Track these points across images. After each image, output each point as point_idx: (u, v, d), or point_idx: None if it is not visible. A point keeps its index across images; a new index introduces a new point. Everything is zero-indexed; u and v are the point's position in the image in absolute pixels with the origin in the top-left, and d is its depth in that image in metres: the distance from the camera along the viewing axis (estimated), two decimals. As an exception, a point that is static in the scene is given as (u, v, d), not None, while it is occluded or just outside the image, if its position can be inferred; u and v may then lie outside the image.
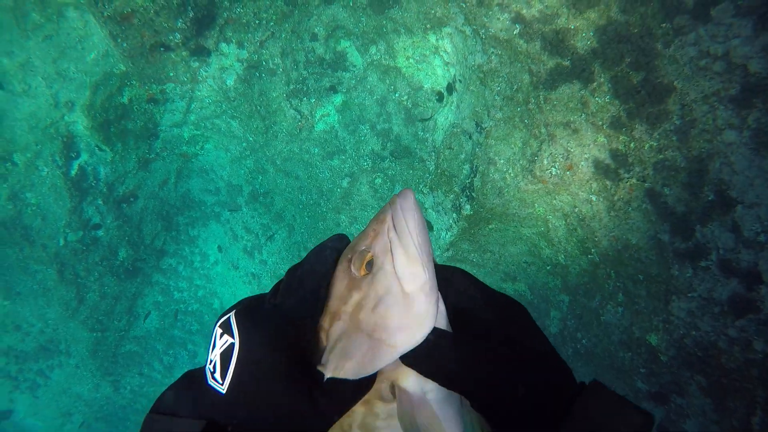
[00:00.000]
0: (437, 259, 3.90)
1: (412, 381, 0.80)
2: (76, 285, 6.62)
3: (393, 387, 0.80)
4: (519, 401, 0.75)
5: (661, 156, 3.29)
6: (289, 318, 0.78)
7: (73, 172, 6.14)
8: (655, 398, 3.46)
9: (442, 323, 0.80)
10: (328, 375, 0.75)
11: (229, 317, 0.79)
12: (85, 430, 8.28)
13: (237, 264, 7.32)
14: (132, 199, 6.67)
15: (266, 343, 0.75)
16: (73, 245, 6.38)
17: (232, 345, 0.75)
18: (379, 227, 0.81)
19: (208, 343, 0.83)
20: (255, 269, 7.12)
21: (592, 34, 3.47)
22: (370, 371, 0.75)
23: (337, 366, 0.76)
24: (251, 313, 0.79)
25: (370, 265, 0.79)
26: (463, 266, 5.26)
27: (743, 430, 2.63)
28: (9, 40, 5.76)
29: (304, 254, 6.54)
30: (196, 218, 7.38)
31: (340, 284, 0.82)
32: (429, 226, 5.48)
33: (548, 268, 4.72)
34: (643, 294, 3.61)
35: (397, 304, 0.76)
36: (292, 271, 0.85)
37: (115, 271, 6.85)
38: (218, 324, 0.80)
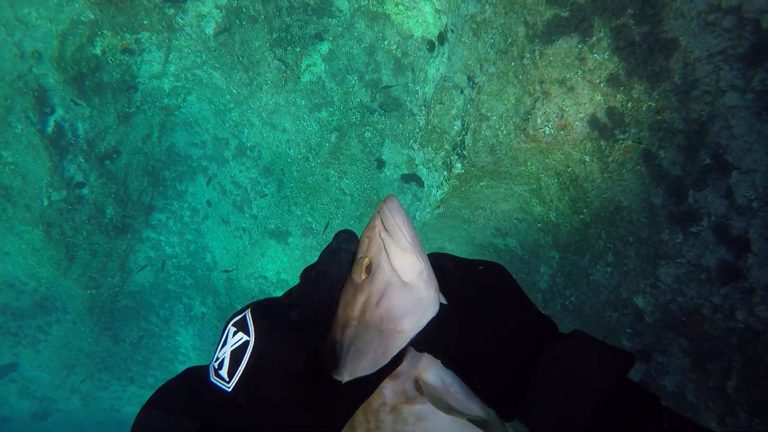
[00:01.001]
0: (428, 215, 3.80)
1: (432, 374, 0.83)
2: (64, 244, 6.55)
3: (417, 383, 0.83)
4: (497, 356, 0.79)
5: (658, 117, 3.15)
6: (304, 320, 0.79)
7: (49, 129, 5.88)
8: (638, 356, 3.55)
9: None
10: (345, 379, 0.77)
11: (245, 315, 0.78)
12: (90, 382, 8.59)
13: (227, 218, 7.25)
14: (115, 155, 6.46)
15: (280, 344, 0.75)
16: (58, 205, 6.24)
17: (246, 343, 0.74)
18: (371, 233, 0.85)
19: (216, 340, 0.86)
20: (245, 224, 7.07)
21: (593, -19, 3.21)
22: (384, 360, 0.78)
23: (353, 367, 0.78)
24: (267, 313, 0.78)
25: (369, 269, 0.83)
26: (454, 222, 5.23)
27: (718, 392, 2.72)
28: (-42, -20, 5.28)
29: (294, 209, 6.44)
30: (183, 172, 7.22)
31: (345, 294, 0.85)
32: (419, 183, 5.37)
33: (539, 225, 4.69)
34: (633, 256, 3.60)
35: (399, 294, 0.80)
36: (307, 272, 0.85)
37: (104, 229, 6.77)
38: (232, 322, 0.79)
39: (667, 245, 3.14)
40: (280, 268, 6.99)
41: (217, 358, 0.76)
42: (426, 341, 0.81)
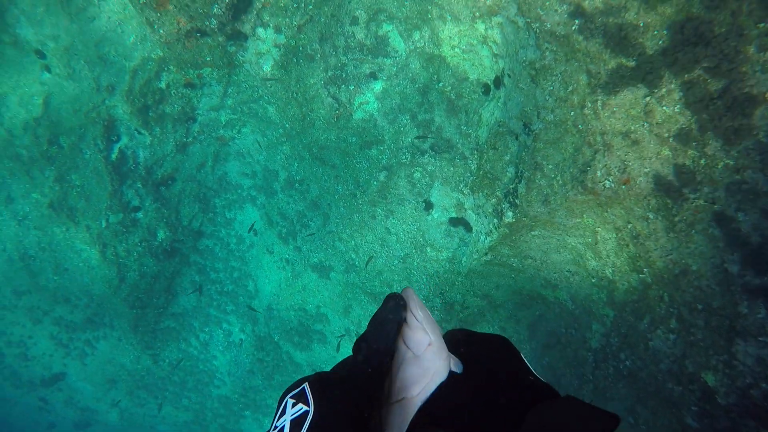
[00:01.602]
0: (475, 262, 3.65)
1: None
2: (117, 265, 6.83)
3: None
4: (490, 417, 0.86)
5: (737, 177, 2.89)
6: (357, 392, 0.88)
7: (113, 156, 6.22)
8: (706, 439, 3.17)
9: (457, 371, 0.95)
10: None
11: (303, 387, 0.87)
12: (128, 399, 8.76)
13: (272, 249, 7.33)
14: (170, 182, 6.73)
15: (337, 415, 0.83)
16: (114, 227, 6.54)
17: (306, 413, 0.83)
18: None
19: (273, 413, 0.93)
20: (289, 255, 7.11)
21: (665, 32, 3.05)
22: (405, 426, 0.87)
23: None
24: (324, 386, 0.87)
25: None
26: (502, 270, 5.01)
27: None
28: (55, 23, 5.80)
29: (338, 245, 6.40)
30: (232, 201, 7.40)
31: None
32: (468, 228, 5.21)
33: (593, 280, 4.40)
34: (701, 325, 3.27)
35: (410, 366, 0.90)
36: (358, 345, 0.93)
37: (154, 252, 7.00)
38: (290, 395, 0.87)
39: (747, 320, 2.82)
40: (320, 302, 6.94)
41: (276, 427, 0.84)
42: (440, 407, 0.89)
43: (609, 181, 3.47)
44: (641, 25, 3.08)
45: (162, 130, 6.21)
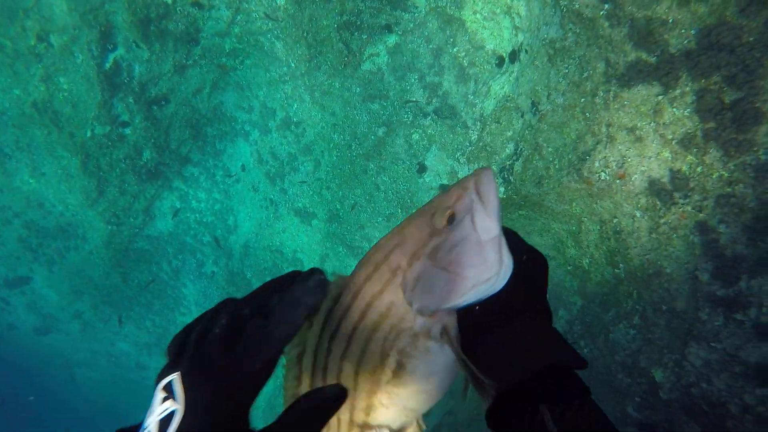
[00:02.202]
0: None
1: (456, 329, 0.95)
2: (97, 177, 6.67)
3: (443, 330, 0.92)
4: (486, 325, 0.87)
5: (729, 189, 2.95)
6: (234, 389, 0.76)
7: (107, 65, 5.95)
8: (642, 429, 3.38)
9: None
10: (415, 308, 0.89)
11: (172, 381, 0.74)
12: (92, 312, 8.79)
13: (257, 187, 7.26)
14: (163, 103, 6.51)
15: (214, 415, 0.72)
16: (100, 139, 6.34)
17: (173, 413, 0.72)
18: (463, 192, 0.93)
19: (148, 403, 0.75)
20: (274, 196, 7.06)
21: (693, 32, 3.01)
22: (447, 304, 0.88)
23: (421, 301, 0.89)
24: (197, 379, 0.75)
25: (450, 219, 0.92)
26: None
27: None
28: None
29: (325, 193, 6.35)
30: (225, 132, 7.25)
31: (418, 232, 0.94)
32: (456, 197, 5.23)
33: (569, 267, 4.52)
34: (662, 325, 3.42)
35: (472, 248, 0.89)
36: (258, 324, 0.79)
37: (138, 171, 6.86)
38: (161, 387, 0.74)
39: (705, 326, 2.95)
40: (297, 247, 6.98)
41: (145, 428, 0.73)
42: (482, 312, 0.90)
43: (605, 173, 3.50)
44: (670, 21, 3.03)
45: (162, 47, 5.93)
